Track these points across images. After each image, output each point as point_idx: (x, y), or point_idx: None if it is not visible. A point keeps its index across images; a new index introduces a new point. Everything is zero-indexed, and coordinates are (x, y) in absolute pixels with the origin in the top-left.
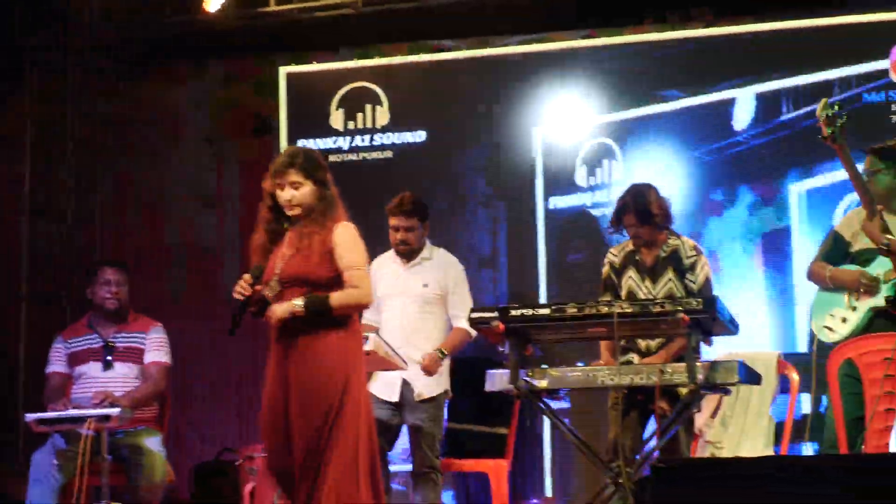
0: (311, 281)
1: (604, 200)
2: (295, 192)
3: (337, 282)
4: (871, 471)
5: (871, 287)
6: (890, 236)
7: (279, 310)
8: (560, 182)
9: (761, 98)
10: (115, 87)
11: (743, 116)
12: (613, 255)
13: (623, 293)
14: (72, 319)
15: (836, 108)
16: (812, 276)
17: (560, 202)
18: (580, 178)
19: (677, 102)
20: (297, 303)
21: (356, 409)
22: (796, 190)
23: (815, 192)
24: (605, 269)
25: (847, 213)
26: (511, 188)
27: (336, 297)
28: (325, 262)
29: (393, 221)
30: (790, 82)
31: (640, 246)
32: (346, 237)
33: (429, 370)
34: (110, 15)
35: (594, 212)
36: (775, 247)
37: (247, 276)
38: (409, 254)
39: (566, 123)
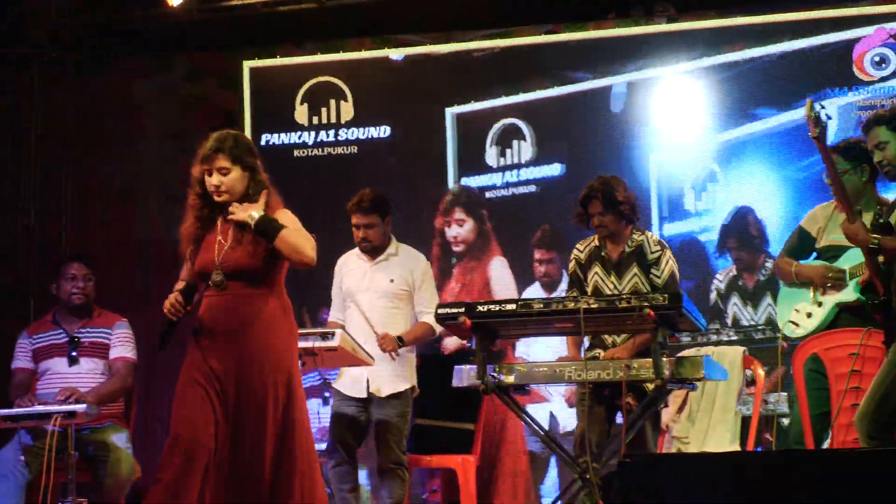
0: (253, 273)
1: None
2: (223, 178)
3: (279, 272)
4: (837, 466)
5: (838, 281)
6: (877, 236)
7: (240, 212)
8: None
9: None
10: (80, 80)
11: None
12: (579, 251)
13: (589, 289)
14: (36, 314)
15: (821, 107)
16: (777, 270)
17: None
18: (490, 158)
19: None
20: (254, 214)
21: (303, 395)
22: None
23: None
24: (572, 265)
25: (812, 210)
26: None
27: (287, 232)
28: (267, 254)
29: (354, 220)
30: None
31: (604, 237)
32: (287, 222)
33: (382, 347)
34: (74, 8)
35: (503, 192)
36: None
37: (178, 297)
38: (373, 251)
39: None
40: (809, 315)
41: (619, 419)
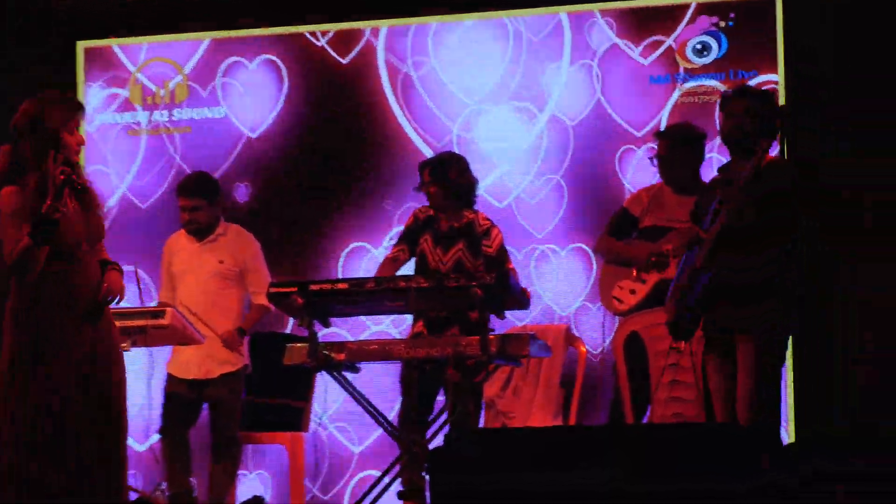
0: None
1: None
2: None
3: None
4: (658, 440)
5: (661, 262)
6: None
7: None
8: None
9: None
10: None
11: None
12: (421, 212)
13: (417, 253)
14: None
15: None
16: (599, 249)
17: None
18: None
19: None
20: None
21: None
22: None
23: None
24: (410, 219)
25: (636, 192)
26: None
27: None
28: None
29: (179, 202)
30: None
31: (435, 208)
32: None
33: (230, 347)
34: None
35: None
36: None
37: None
38: (199, 232)
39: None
40: (633, 291)
41: (441, 395)
